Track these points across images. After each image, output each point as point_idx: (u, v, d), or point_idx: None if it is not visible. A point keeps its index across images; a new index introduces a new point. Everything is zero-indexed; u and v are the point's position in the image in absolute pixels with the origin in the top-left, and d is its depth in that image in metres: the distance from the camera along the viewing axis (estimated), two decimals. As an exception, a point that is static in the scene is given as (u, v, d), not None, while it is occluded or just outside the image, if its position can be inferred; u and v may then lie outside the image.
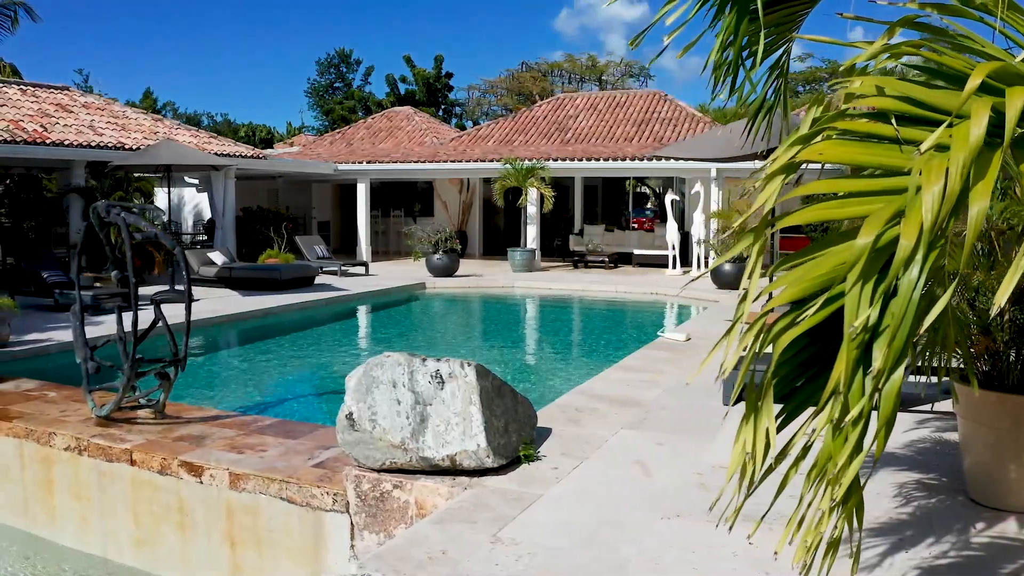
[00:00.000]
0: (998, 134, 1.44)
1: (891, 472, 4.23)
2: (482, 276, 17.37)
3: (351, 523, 4.29)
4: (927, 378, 3.23)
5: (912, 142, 1.49)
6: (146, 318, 5.94)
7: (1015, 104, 1.41)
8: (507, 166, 18.68)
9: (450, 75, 46.89)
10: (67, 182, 15.73)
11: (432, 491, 4.08)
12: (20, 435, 5.61)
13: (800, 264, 1.42)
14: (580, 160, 19.27)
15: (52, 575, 5.23)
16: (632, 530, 3.55)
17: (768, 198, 1.47)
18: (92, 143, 15.31)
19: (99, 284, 12.10)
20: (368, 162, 21.58)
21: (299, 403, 7.54)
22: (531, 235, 19.63)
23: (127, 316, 5.77)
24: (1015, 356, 3.69)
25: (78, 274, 6.47)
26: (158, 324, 5.91)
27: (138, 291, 5.66)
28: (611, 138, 21.97)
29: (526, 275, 17.55)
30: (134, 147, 15.79)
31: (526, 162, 18.71)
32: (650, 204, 36.12)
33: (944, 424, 5.11)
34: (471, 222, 24.26)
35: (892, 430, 1.36)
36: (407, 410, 4.16)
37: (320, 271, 16.22)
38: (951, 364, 3.10)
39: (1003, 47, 1.93)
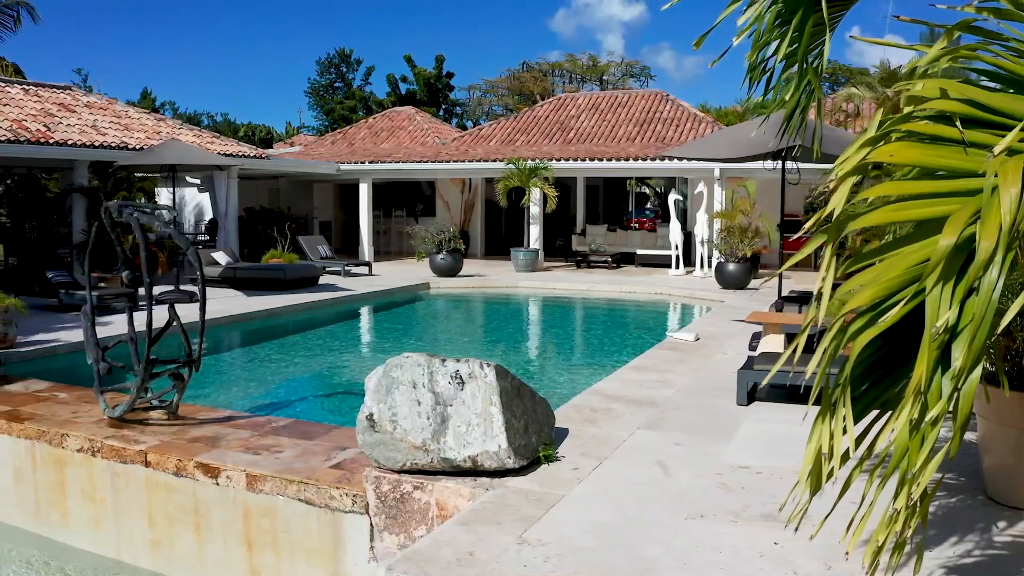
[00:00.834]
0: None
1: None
2: (486, 276, 17.33)
3: (371, 524, 4.27)
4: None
5: (977, 144, 1.48)
6: (156, 318, 5.90)
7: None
8: (510, 166, 18.65)
9: (451, 75, 46.84)
10: (70, 182, 15.69)
11: (453, 492, 4.06)
12: (32, 436, 5.58)
13: (868, 266, 1.40)
14: (583, 160, 19.26)
15: (66, 577, 5.21)
16: (657, 530, 3.54)
17: (840, 200, 1.46)
18: (96, 143, 15.26)
19: (103, 284, 12.06)
20: (370, 162, 21.54)
21: (311, 404, 7.52)
22: (534, 235, 19.60)
23: (138, 316, 5.74)
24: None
25: (88, 274, 6.45)
26: (173, 324, 5.87)
27: (152, 291, 5.64)
28: (613, 138, 21.95)
29: (530, 275, 17.52)
30: (137, 147, 15.74)
31: (529, 162, 18.69)
32: (651, 204, 36.15)
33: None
34: (473, 222, 24.23)
35: (967, 430, 1.35)
36: (427, 411, 4.14)
37: (324, 271, 16.20)
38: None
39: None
